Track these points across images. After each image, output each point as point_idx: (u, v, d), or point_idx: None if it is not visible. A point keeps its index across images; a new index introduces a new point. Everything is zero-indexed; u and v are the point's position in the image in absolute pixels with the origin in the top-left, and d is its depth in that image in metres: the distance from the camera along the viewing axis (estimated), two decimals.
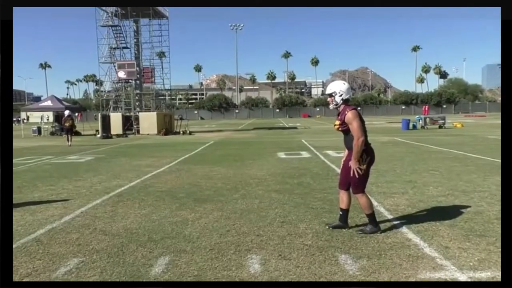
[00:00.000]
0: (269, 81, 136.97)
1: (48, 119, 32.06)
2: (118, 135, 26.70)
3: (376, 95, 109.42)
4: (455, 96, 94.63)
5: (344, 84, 4.65)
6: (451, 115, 62.95)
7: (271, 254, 4.02)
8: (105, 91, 33.68)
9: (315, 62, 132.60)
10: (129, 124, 28.56)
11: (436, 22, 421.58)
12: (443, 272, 3.49)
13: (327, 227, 4.82)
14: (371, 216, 4.66)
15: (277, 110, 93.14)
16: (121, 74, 28.65)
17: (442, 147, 14.75)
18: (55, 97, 32.43)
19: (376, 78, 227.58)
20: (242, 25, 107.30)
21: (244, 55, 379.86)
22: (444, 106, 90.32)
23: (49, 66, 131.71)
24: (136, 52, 30.76)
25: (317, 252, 4.05)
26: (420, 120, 29.30)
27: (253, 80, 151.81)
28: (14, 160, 13.13)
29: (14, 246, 4.41)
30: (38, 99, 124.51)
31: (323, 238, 4.49)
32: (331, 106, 4.68)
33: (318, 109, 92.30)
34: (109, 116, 27.81)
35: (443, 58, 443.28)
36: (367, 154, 4.53)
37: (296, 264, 3.75)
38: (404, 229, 4.75)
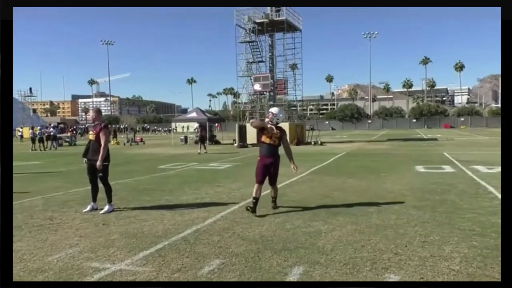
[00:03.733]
0: (405, 89, 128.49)
1: (195, 130, 35.48)
2: (253, 145, 28.09)
3: None
4: None
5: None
6: None
7: (411, 276, 3.73)
8: (242, 103, 35.88)
9: (460, 67, 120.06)
10: None
11: None
12: None
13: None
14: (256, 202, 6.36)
15: (414, 120, 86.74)
16: (257, 87, 30.26)
17: None
18: (200, 109, 35.80)
19: None
20: (376, 32, 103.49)
21: (378, 63, 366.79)
22: None
23: (195, 81, 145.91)
24: (270, 65, 32.13)
25: (467, 279, 3.62)
26: None
27: (387, 89, 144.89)
28: (165, 166, 14.83)
29: (166, 243, 4.94)
30: (185, 111, 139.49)
31: (474, 264, 4.00)
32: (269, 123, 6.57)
33: (462, 119, 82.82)
34: (245, 127, 29.53)
35: None
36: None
37: None
38: None
